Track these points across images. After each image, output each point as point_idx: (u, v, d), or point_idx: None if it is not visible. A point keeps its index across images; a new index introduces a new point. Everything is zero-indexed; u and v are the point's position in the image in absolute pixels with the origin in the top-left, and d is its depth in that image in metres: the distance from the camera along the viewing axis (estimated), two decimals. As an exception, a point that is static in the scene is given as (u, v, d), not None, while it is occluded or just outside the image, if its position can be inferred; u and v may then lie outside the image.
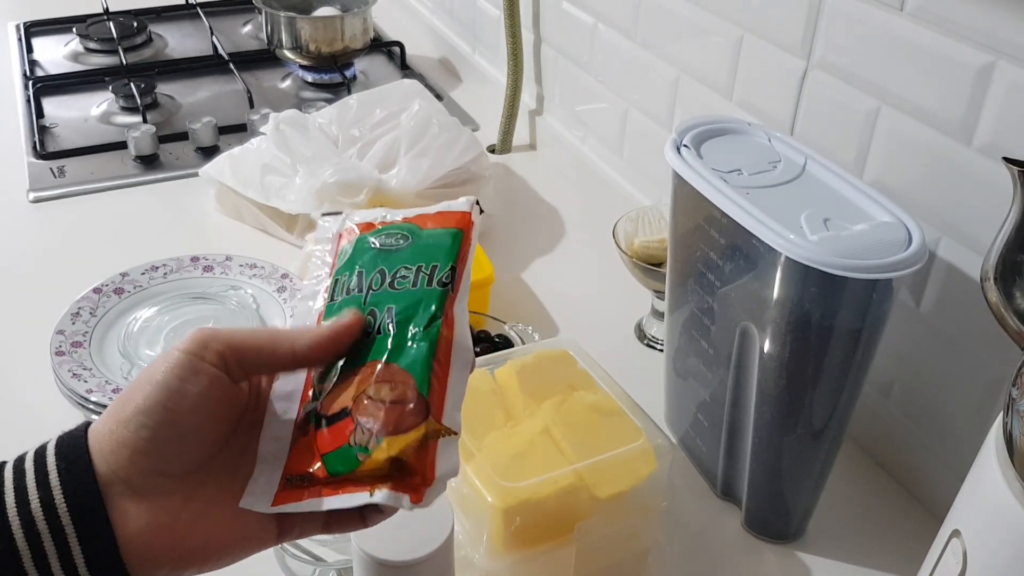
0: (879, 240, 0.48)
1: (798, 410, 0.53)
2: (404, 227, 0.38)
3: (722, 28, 0.72)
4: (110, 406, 0.33)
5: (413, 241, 0.37)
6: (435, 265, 0.36)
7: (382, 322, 0.35)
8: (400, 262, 0.36)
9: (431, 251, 0.37)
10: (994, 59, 0.50)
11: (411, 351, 0.34)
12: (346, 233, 0.39)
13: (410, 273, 0.36)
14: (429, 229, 0.37)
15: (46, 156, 0.97)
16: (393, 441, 0.32)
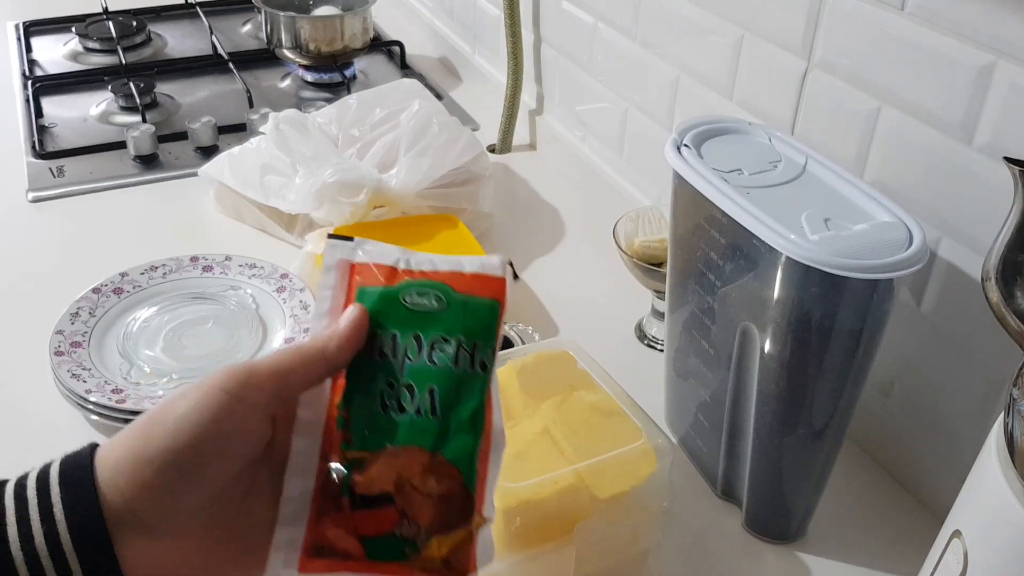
0: (880, 240, 0.48)
1: (798, 410, 0.53)
2: (437, 287, 0.36)
3: (722, 28, 0.71)
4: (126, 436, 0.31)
5: (448, 305, 0.36)
6: (476, 343, 0.35)
7: (422, 403, 0.34)
8: (437, 330, 0.35)
9: (470, 324, 0.36)
10: (995, 59, 0.50)
11: (457, 443, 0.34)
12: (361, 270, 0.36)
13: (449, 347, 0.35)
14: (464, 295, 0.36)
15: (45, 156, 0.97)
16: (443, 540, 0.33)
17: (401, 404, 0.34)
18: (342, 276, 0.36)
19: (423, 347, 0.35)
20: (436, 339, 0.35)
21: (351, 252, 0.37)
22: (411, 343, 0.35)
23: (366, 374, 0.35)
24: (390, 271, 0.36)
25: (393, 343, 0.35)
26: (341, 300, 0.36)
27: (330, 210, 0.80)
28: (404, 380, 0.34)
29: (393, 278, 0.36)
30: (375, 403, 0.34)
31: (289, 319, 0.73)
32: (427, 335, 0.35)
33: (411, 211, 0.83)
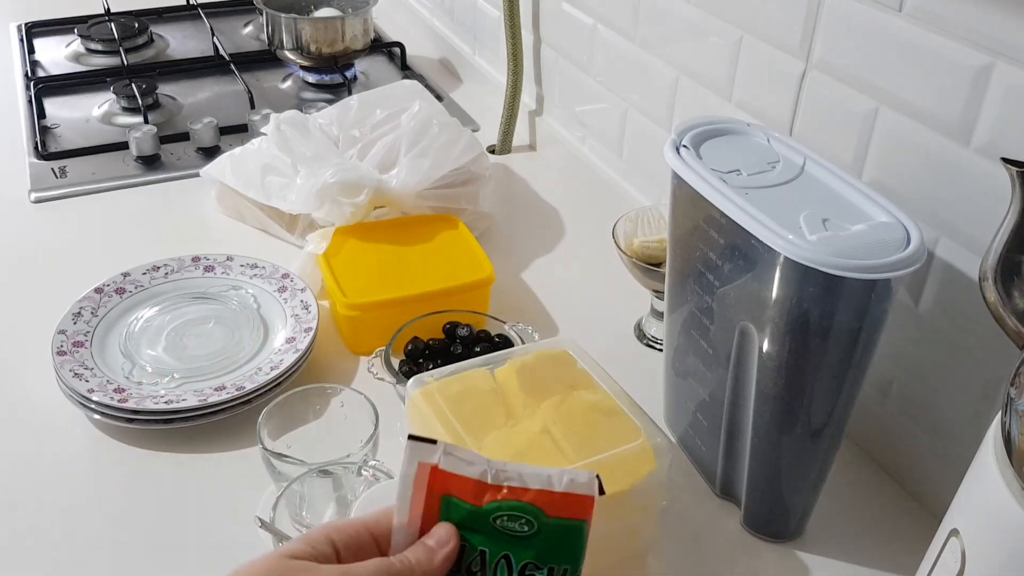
0: (878, 240, 0.48)
1: (797, 409, 0.53)
2: (528, 511, 0.36)
3: (721, 29, 0.72)
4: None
5: (539, 530, 0.36)
6: (566, 568, 0.36)
7: None
8: (527, 555, 0.36)
9: (558, 549, 0.36)
10: (992, 60, 0.50)
11: None
12: (445, 477, 0.36)
13: (540, 574, 0.35)
14: (554, 518, 0.36)
15: (47, 156, 0.97)
16: None
17: None
18: (422, 481, 0.36)
19: (513, 569, 0.36)
20: (527, 563, 0.36)
21: (433, 456, 0.36)
22: (501, 564, 0.36)
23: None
24: (477, 485, 0.36)
25: (482, 561, 0.36)
26: (420, 507, 0.36)
27: (331, 210, 0.80)
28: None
29: (481, 495, 0.36)
30: None
31: (290, 319, 0.73)
32: (517, 558, 0.36)
33: (411, 211, 0.83)
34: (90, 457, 0.64)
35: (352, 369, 0.72)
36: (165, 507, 0.60)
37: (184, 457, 0.64)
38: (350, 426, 0.61)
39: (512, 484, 0.36)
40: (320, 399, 0.62)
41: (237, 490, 0.61)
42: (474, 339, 0.70)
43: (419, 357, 0.69)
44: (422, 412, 0.55)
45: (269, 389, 0.66)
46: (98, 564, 0.56)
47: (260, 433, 0.58)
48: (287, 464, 0.57)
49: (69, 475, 0.62)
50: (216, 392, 0.66)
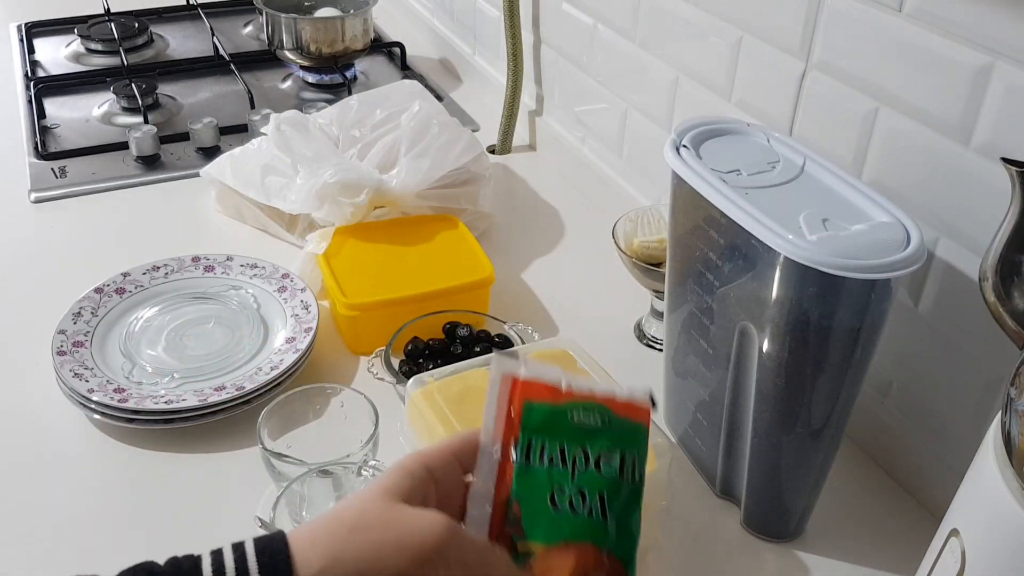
0: (877, 240, 0.48)
1: (797, 409, 0.53)
2: (598, 408, 0.41)
3: (721, 29, 0.72)
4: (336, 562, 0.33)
5: (610, 425, 0.40)
6: (635, 458, 0.40)
7: (594, 506, 0.39)
8: (602, 446, 0.40)
9: (630, 442, 0.41)
10: (992, 60, 0.50)
11: (624, 544, 0.39)
12: (525, 386, 0.40)
13: (615, 460, 0.40)
14: (621, 417, 0.41)
15: (47, 156, 0.97)
16: None
17: (573, 504, 0.39)
18: (505, 389, 0.40)
19: (590, 459, 0.40)
20: (602, 452, 0.40)
21: (516, 367, 0.41)
22: (579, 453, 0.40)
23: (536, 479, 0.39)
24: (554, 390, 0.41)
25: (561, 453, 0.39)
26: (504, 412, 0.40)
27: (331, 210, 0.80)
28: (575, 485, 0.39)
29: (558, 397, 0.41)
30: (547, 503, 0.39)
31: (290, 319, 0.73)
32: (593, 448, 0.40)
33: (411, 211, 0.83)
34: (90, 457, 0.64)
35: (352, 369, 0.72)
36: (165, 507, 0.60)
37: (184, 457, 0.64)
38: (350, 426, 0.61)
39: (583, 392, 0.41)
40: (320, 399, 0.62)
41: (237, 490, 0.61)
42: (474, 339, 0.70)
43: (419, 357, 0.69)
44: (422, 412, 0.55)
45: (269, 389, 0.66)
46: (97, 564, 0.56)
47: (260, 433, 0.58)
48: (287, 464, 0.57)
49: (69, 475, 0.62)
50: (216, 392, 0.66)
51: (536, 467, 0.39)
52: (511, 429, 0.40)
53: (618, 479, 0.40)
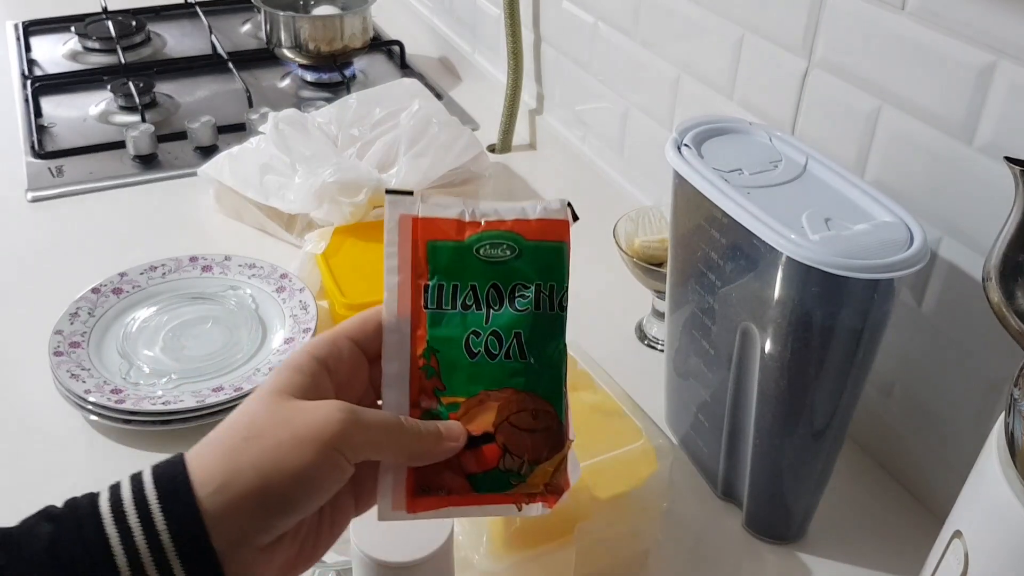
0: (880, 240, 0.48)
1: (799, 410, 0.53)
2: (508, 236, 0.38)
3: (723, 27, 0.71)
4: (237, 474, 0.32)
5: (520, 253, 0.37)
6: (552, 285, 0.37)
7: (511, 347, 0.37)
8: (515, 278, 0.37)
9: (545, 268, 0.37)
10: (995, 59, 0.50)
11: (547, 380, 0.37)
12: (425, 224, 0.37)
13: (529, 292, 0.37)
14: (534, 241, 0.38)
15: (44, 155, 0.97)
16: (544, 468, 0.37)
17: (490, 350, 0.36)
18: (406, 232, 0.37)
19: (504, 295, 0.37)
20: (515, 286, 0.37)
21: (412, 207, 0.37)
22: (491, 292, 0.37)
23: (451, 326, 0.37)
24: (457, 224, 0.37)
25: (474, 294, 0.37)
26: (407, 256, 0.37)
27: (330, 210, 0.80)
28: (489, 327, 0.36)
29: (462, 231, 0.37)
30: (463, 352, 0.36)
31: (288, 319, 0.73)
32: (505, 283, 0.37)
33: (411, 211, 0.82)
34: (87, 458, 0.64)
35: (351, 369, 0.72)
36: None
37: (182, 458, 0.63)
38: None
39: (489, 218, 0.38)
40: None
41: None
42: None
43: (418, 357, 0.69)
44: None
45: (267, 390, 0.66)
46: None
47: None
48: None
49: (66, 476, 0.62)
50: (214, 393, 0.65)
51: (449, 313, 0.37)
52: (419, 275, 0.37)
53: (534, 312, 0.37)
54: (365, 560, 0.42)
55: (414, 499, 0.36)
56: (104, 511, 0.31)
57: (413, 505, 0.36)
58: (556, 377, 0.37)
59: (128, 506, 0.31)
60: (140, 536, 0.30)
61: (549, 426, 0.37)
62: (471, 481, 0.36)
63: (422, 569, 0.41)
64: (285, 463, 0.32)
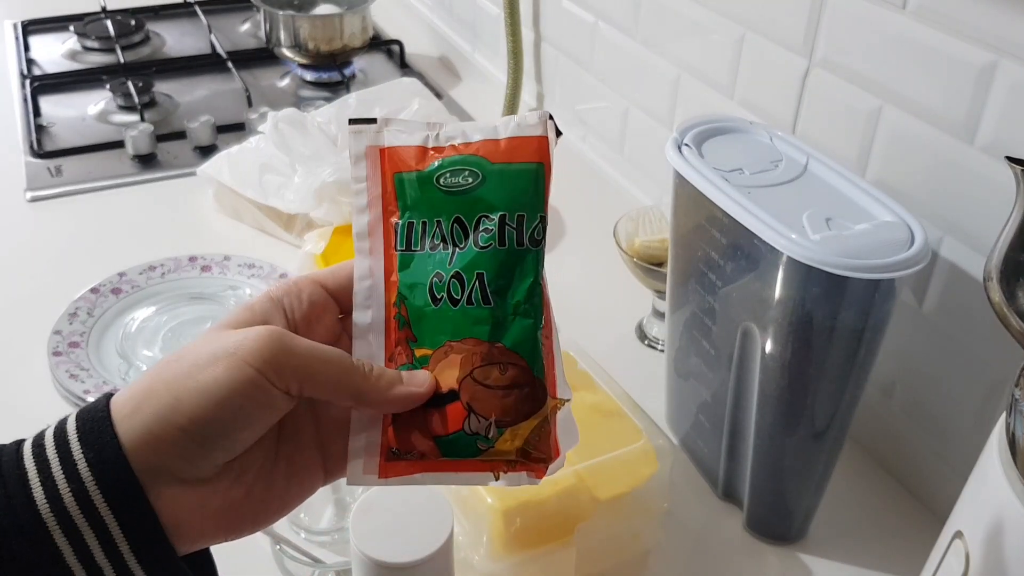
0: (881, 240, 0.48)
1: (800, 410, 0.53)
2: (469, 161, 0.32)
3: (723, 26, 0.71)
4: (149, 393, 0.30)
5: (484, 179, 0.32)
6: (521, 215, 0.32)
7: (473, 292, 0.31)
8: (478, 209, 0.32)
9: (513, 195, 0.32)
10: (997, 58, 0.50)
11: (516, 329, 0.32)
12: (392, 154, 0.33)
13: (492, 225, 0.32)
14: (500, 164, 0.32)
15: (43, 155, 0.97)
16: (516, 431, 0.31)
17: (452, 295, 0.32)
18: (373, 164, 0.33)
19: (468, 230, 0.32)
20: (480, 218, 0.32)
21: (377, 136, 0.33)
22: (456, 228, 0.32)
23: (418, 268, 0.32)
24: (420, 151, 0.33)
25: (439, 231, 0.32)
26: (377, 192, 0.33)
27: (329, 209, 0.80)
28: (452, 269, 0.32)
29: (424, 159, 0.33)
30: (427, 297, 0.32)
31: None
32: (469, 216, 0.32)
33: (410, 210, 0.82)
34: (86, 459, 0.63)
35: (351, 369, 0.72)
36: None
37: (181, 458, 0.63)
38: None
39: (455, 143, 0.33)
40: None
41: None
42: (473, 339, 0.70)
43: (418, 357, 0.68)
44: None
45: (267, 390, 0.66)
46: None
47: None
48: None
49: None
50: (213, 393, 0.65)
51: (419, 254, 0.32)
52: (390, 212, 0.32)
53: (497, 248, 0.32)
54: (365, 560, 0.41)
55: (386, 463, 0.32)
56: (26, 448, 0.30)
57: (385, 470, 0.32)
58: (528, 326, 0.32)
59: (48, 441, 0.30)
60: (58, 468, 0.29)
61: (520, 382, 0.31)
62: (438, 444, 0.32)
63: (422, 569, 0.41)
64: (197, 379, 0.29)
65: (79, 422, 0.30)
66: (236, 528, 0.32)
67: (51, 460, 0.29)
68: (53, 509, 0.28)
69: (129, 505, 0.29)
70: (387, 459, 0.32)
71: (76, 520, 0.28)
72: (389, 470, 0.32)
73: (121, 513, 0.29)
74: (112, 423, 0.30)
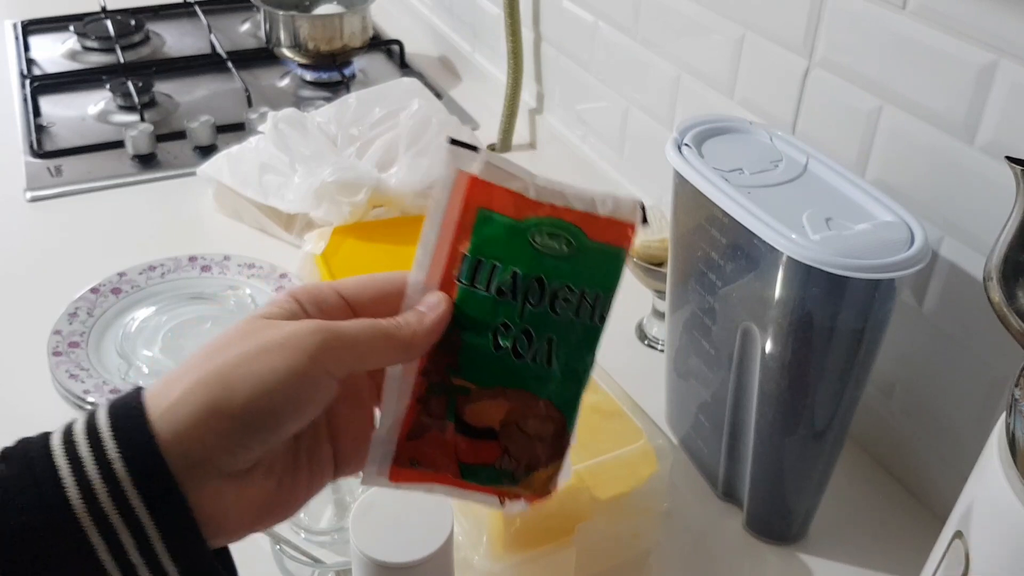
0: (881, 239, 0.48)
1: (800, 410, 0.53)
2: (569, 230, 0.34)
3: (723, 26, 0.71)
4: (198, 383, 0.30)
5: (577, 251, 0.34)
6: (598, 295, 0.34)
7: (539, 352, 0.34)
8: (563, 277, 0.33)
9: (598, 274, 0.34)
10: (997, 58, 0.50)
11: (567, 391, 0.35)
12: (483, 187, 0.33)
13: (573, 297, 0.34)
14: (595, 242, 0.34)
15: (43, 155, 0.97)
16: (539, 475, 0.35)
17: (518, 349, 0.33)
18: (459, 190, 0.33)
19: (545, 292, 0.33)
20: (561, 287, 0.33)
21: (471, 164, 0.33)
22: (533, 285, 0.33)
23: (481, 308, 0.33)
24: (518, 199, 0.33)
25: (513, 281, 0.33)
26: (454, 217, 0.34)
27: (329, 209, 0.80)
28: (523, 324, 0.33)
29: (521, 209, 0.33)
30: (488, 341, 0.33)
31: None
32: (551, 280, 0.33)
33: (410, 210, 0.82)
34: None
35: (350, 369, 0.72)
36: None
37: (181, 458, 0.63)
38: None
39: (555, 202, 0.33)
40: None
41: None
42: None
43: (418, 357, 0.68)
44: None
45: (267, 390, 0.66)
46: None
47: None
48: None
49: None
50: (213, 393, 0.65)
51: (481, 293, 0.33)
52: (460, 240, 0.33)
53: (573, 321, 0.34)
54: (364, 561, 0.41)
55: (400, 468, 0.34)
56: (55, 444, 0.29)
57: (397, 474, 0.34)
58: (577, 392, 0.35)
59: (79, 436, 0.29)
60: (92, 467, 0.28)
61: (556, 434, 0.35)
62: (461, 468, 0.34)
63: (422, 569, 0.41)
64: (251, 368, 0.29)
65: (112, 418, 0.30)
66: (268, 520, 0.32)
67: (84, 459, 0.29)
68: (89, 510, 0.28)
69: (166, 505, 0.29)
70: (402, 466, 0.34)
71: (112, 520, 0.28)
72: (401, 475, 0.34)
73: (157, 513, 0.29)
74: (147, 419, 0.29)
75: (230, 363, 0.30)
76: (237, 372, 0.30)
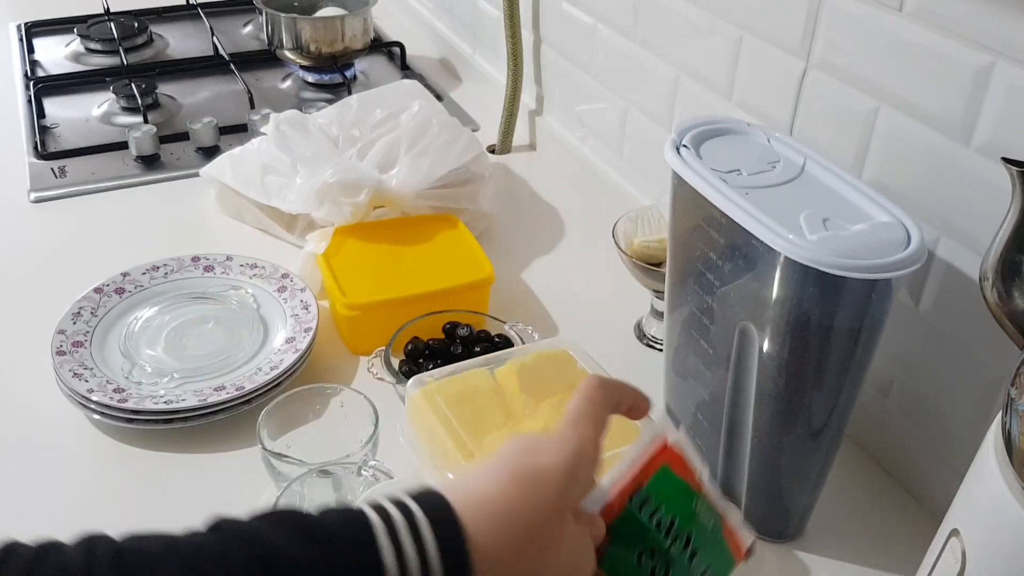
0: (878, 240, 0.48)
1: (797, 410, 0.53)
2: (716, 515, 0.44)
3: (722, 28, 0.72)
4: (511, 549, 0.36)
5: (716, 536, 0.43)
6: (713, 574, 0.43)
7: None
8: (700, 544, 0.42)
9: (717, 559, 0.43)
10: (993, 59, 0.50)
11: None
12: (670, 452, 0.43)
13: (699, 567, 0.42)
14: (724, 538, 0.44)
15: (47, 156, 0.97)
16: None
17: (655, 573, 0.41)
18: (655, 447, 0.43)
19: (689, 547, 0.42)
20: (697, 551, 0.42)
21: (671, 435, 0.43)
22: (683, 534, 0.42)
23: (637, 529, 0.41)
24: (692, 474, 0.43)
25: (671, 524, 0.42)
26: (643, 462, 0.42)
27: (330, 210, 0.80)
28: (664, 557, 0.41)
29: (692, 481, 0.43)
30: (634, 556, 0.41)
31: (290, 319, 0.73)
32: (695, 541, 0.42)
33: (411, 211, 0.83)
34: (89, 458, 0.64)
35: (352, 369, 0.72)
36: (165, 507, 0.60)
37: (184, 457, 0.64)
38: (350, 426, 0.61)
39: (711, 493, 0.44)
40: (320, 399, 0.62)
41: (237, 490, 0.61)
42: (474, 339, 0.70)
43: (419, 357, 0.69)
44: (422, 412, 0.55)
45: (269, 389, 0.66)
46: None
47: (260, 433, 0.58)
48: (287, 464, 0.57)
49: (68, 475, 0.62)
50: (216, 392, 0.66)
51: (643, 520, 0.41)
52: (641, 479, 0.41)
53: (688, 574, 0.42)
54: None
55: None
56: (388, 562, 0.34)
57: None
58: None
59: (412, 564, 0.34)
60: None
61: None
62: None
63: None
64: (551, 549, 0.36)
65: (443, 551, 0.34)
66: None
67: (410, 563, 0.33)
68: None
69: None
70: None
71: None
72: None
73: None
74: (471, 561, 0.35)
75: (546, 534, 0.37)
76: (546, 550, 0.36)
